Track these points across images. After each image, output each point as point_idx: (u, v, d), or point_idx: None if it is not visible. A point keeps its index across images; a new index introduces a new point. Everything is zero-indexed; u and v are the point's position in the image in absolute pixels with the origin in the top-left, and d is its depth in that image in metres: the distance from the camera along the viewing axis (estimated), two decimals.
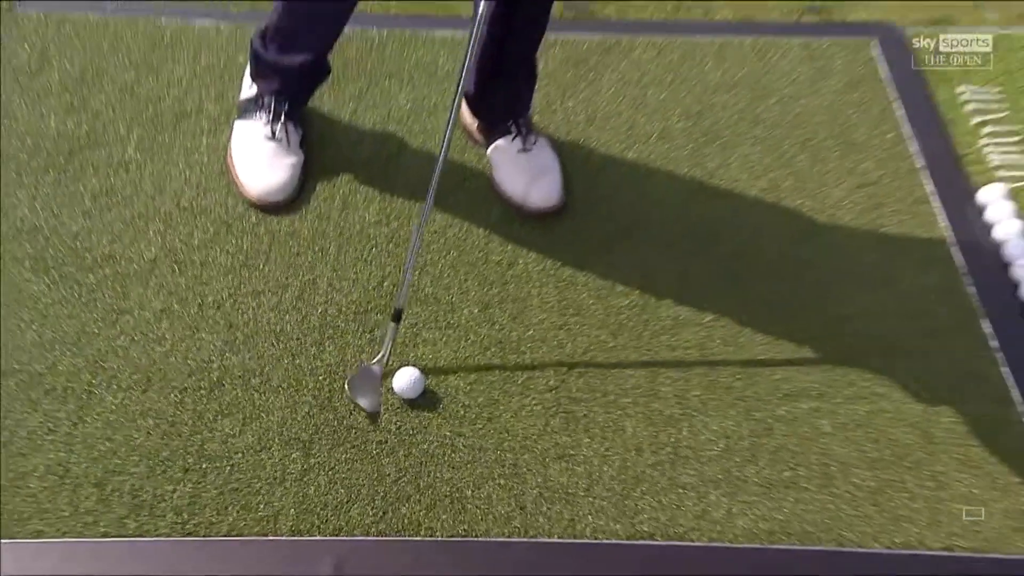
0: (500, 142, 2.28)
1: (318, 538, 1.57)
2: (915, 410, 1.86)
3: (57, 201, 2.08)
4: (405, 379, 1.75)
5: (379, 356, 1.78)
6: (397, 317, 1.76)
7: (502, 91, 2.26)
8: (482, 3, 1.80)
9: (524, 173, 2.24)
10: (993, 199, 2.24)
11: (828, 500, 1.68)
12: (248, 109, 2.23)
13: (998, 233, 2.18)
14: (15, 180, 2.13)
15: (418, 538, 1.57)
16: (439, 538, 1.58)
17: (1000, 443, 1.83)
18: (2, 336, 1.86)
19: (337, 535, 1.56)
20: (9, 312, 1.88)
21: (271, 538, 1.56)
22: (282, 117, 2.21)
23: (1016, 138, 2.44)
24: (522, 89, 2.32)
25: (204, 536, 1.56)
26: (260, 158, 2.19)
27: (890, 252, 2.20)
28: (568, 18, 2.75)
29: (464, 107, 2.26)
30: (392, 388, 1.77)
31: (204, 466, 1.63)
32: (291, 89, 2.24)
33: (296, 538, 1.56)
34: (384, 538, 1.57)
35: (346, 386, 1.77)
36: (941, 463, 1.75)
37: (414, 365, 1.79)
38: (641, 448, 1.71)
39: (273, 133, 2.18)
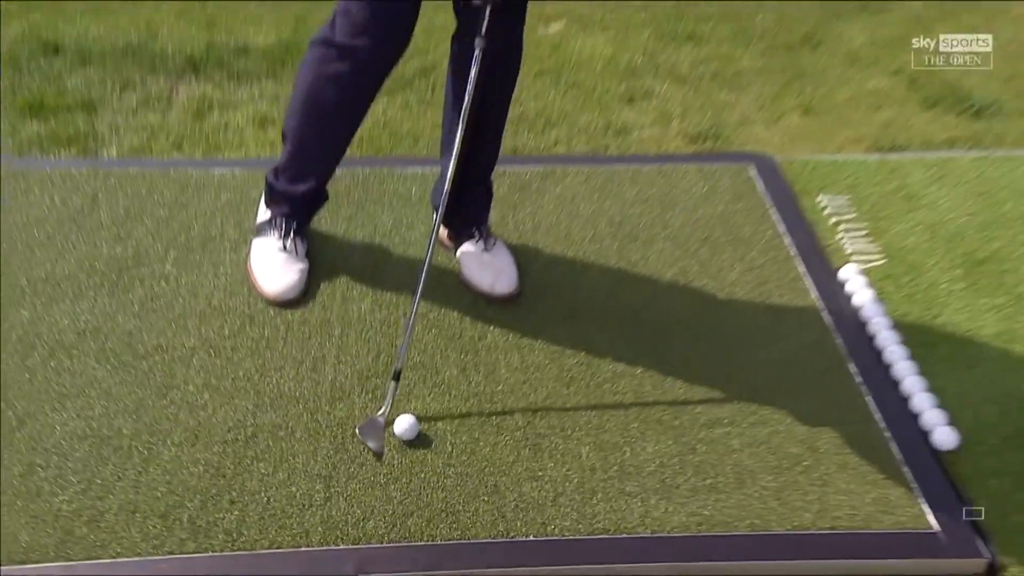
0: (466, 246, 2.49)
1: (341, 547, 1.72)
2: (803, 430, 2.05)
3: (112, 308, 2.25)
4: (404, 424, 1.94)
5: (382, 409, 1.96)
6: (397, 377, 1.97)
7: (466, 207, 2.46)
8: (457, 139, 2.09)
9: (488, 268, 2.44)
10: (850, 276, 2.49)
11: (742, 499, 1.87)
12: (263, 229, 2.43)
13: (855, 300, 2.42)
14: (78, 294, 2.29)
15: (422, 543, 1.73)
16: (439, 542, 1.74)
17: (867, 451, 2.05)
18: (76, 410, 1.99)
19: (356, 544, 1.72)
20: (80, 392, 2.02)
21: (304, 549, 1.72)
22: (291, 234, 2.40)
23: (863, 232, 2.70)
24: (482, 205, 2.53)
25: (250, 551, 1.71)
26: (274, 266, 2.38)
27: (776, 318, 2.42)
28: (514, 153, 2.98)
29: (438, 223, 2.46)
30: (394, 432, 1.94)
31: (246, 499, 1.78)
32: (298, 212, 2.44)
33: (324, 548, 1.71)
34: (395, 544, 1.74)
35: (357, 432, 1.94)
36: (824, 468, 1.96)
37: (410, 414, 1.96)
38: (594, 468, 1.90)
39: (284, 246, 2.38)
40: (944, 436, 2.05)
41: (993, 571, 1.84)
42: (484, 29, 2.10)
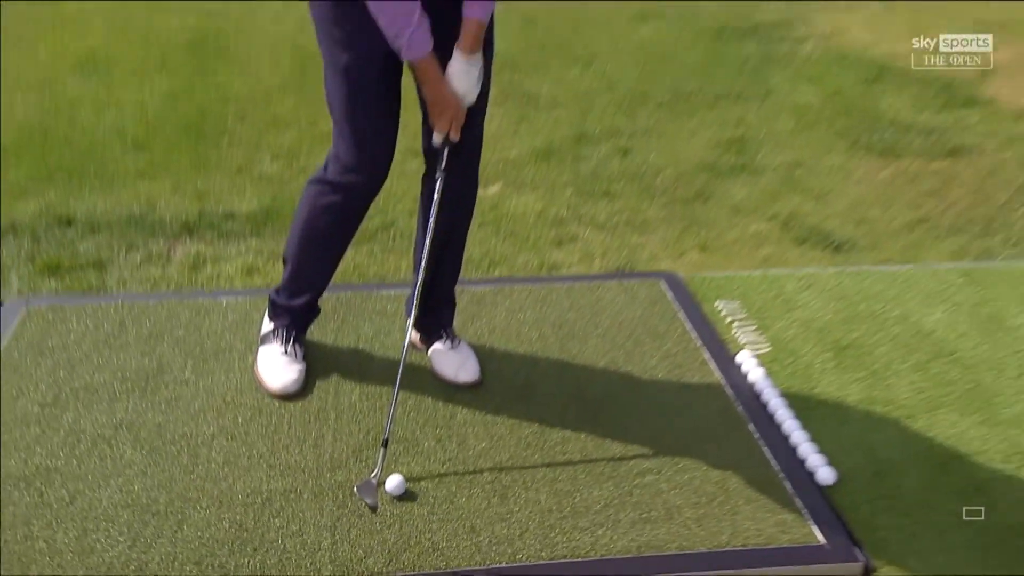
0: (436, 345, 2.63)
1: None
2: (716, 474, 2.21)
3: (142, 406, 2.39)
4: (394, 482, 2.09)
5: (375, 472, 2.11)
6: (385, 444, 2.14)
7: (435, 314, 2.63)
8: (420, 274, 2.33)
9: (454, 361, 2.58)
10: (744, 360, 2.70)
11: (671, 527, 2.03)
12: (267, 338, 2.56)
13: (750, 378, 2.63)
14: (114, 397, 2.41)
15: (413, 574, 1.87)
16: (427, 571, 1.88)
17: (767, 488, 2.21)
18: (118, 486, 2.09)
19: None
20: (120, 472, 2.14)
21: None
22: (291, 341, 2.54)
23: (752, 327, 2.92)
24: (447, 312, 2.69)
25: None
26: (277, 367, 2.50)
27: (689, 393, 2.61)
28: (470, 277, 3.06)
29: (410, 328, 2.55)
30: (386, 489, 2.07)
31: (266, 547, 1.92)
32: (296, 323, 2.57)
33: None
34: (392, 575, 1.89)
35: (355, 491, 2.09)
36: (734, 502, 2.13)
37: (398, 474, 2.11)
38: (552, 510, 2.06)
39: (285, 351, 2.51)
40: (825, 474, 2.26)
41: (868, 572, 2.03)
42: (444, 164, 2.30)
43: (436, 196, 2.33)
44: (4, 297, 3.00)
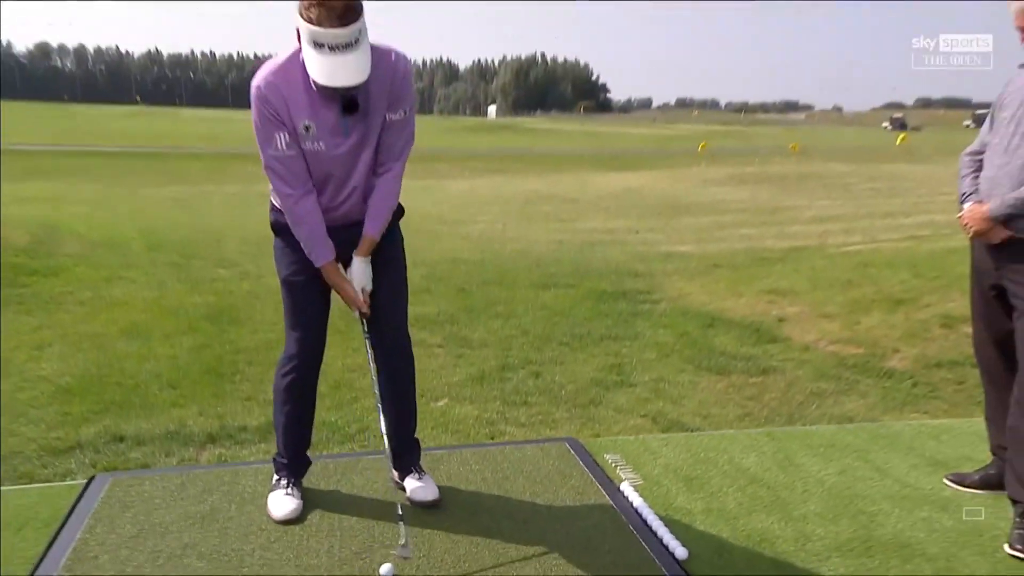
0: (408, 479, 2.77)
1: None
2: (610, 556, 2.44)
3: (202, 535, 2.49)
4: (385, 569, 2.23)
5: (403, 539, 2.28)
6: (402, 518, 2.32)
7: (403, 460, 2.76)
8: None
9: (423, 488, 2.73)
10: (626, 488, 2.88)
11: None
12: (275, 486, 2.71)
13: (630, 499, 2.81)
14: (180, 531, 2.51)
15: None
16: None
17: (643, 564, 2.42)
18: None
19: None
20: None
21: None
22: (290, 485, 2.69)
23: (629, 469, 3.11)
24: (413, 455, 2.80)
25: None
26: (281, 503, 2.64)
27: (588, 510, 2.76)
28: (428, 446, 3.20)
29: (392, 472, 2.77)
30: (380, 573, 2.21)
31: None
32: (291, 472, 2.72)
33: None
34: None
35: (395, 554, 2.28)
36: (622, 572, 2.35)
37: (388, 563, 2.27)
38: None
39: (287, 492, 2.66)
40: (680, 553, 2.48)
41: None
42: (365, 328, 2.53)
43: (371, 352, 2.55)
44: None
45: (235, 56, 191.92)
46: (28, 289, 6.63)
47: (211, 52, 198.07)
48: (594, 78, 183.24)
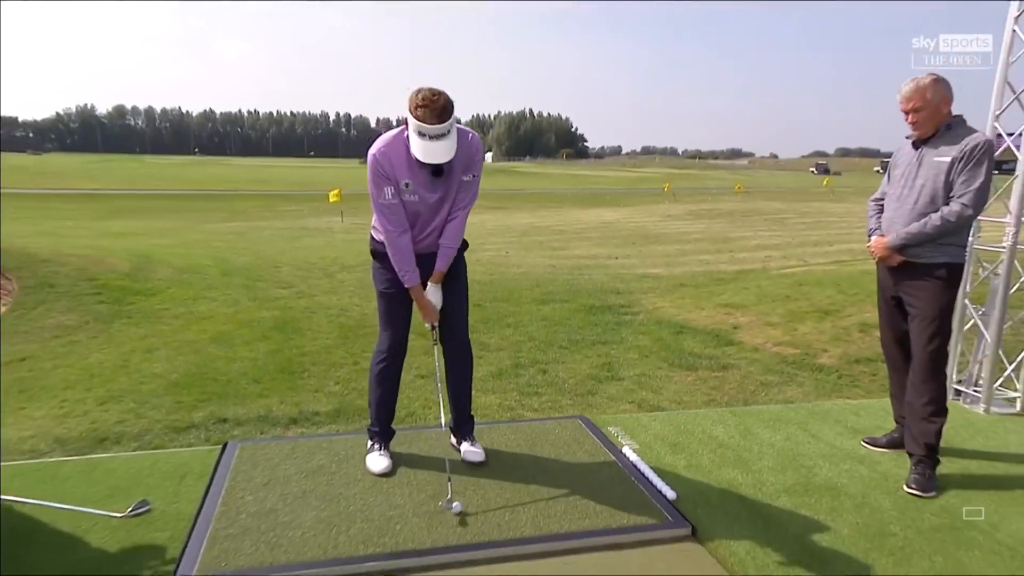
0: (463, 444, 2.91)
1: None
2: (616, 499, 2.51)
3: (315, 483, 2.65)
4: (455, 504, 2.41)
5: (449, 496, 2.44)
6: (449, 479, 2.47)
7: (461, 429, 2.91)
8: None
9: (474, 452, 2.87)
10: (627, 450, 2.99)
11: (596, 520, 2.38)
12: (370, 449, 2.85)
13: (630, 457, 2.92)
14: (299, 480, 2.68)
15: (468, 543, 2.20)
16: (462, 543, 2.21)
17: (641, 505, 2.52)
18: (310, 516, 2.35)
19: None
20: (310, 510, 2.41)
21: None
22: (381, 448, 2.84)
23: (629, 437, 3.20)
24: (468, 426, 2.92)
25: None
26: (378, 461, 2.79)
27: (598, 466, 2.86)
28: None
29: (452, 437, 2.95)
30: (452, 508, 2.39)
31: (391, 533, 2.28)
32: (381, 439, 2.86)
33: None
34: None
35: (445, 506, 2.42)
36: (626, 510, 2.44)
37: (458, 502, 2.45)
38: (526, 526, 2.37)
39: (380, 453, 2.82)
40: (670, 494, 2.63)
41: (694, 532, 2.40)
42: (435, 337, 2.66)
43: (442, 358, 2.72)
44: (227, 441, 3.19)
45: (274, 114, 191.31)
46: (134, 306, 6.71)
47: (255, 110, 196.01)
48: (573, 129, 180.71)
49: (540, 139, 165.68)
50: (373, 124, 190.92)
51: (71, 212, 18.61)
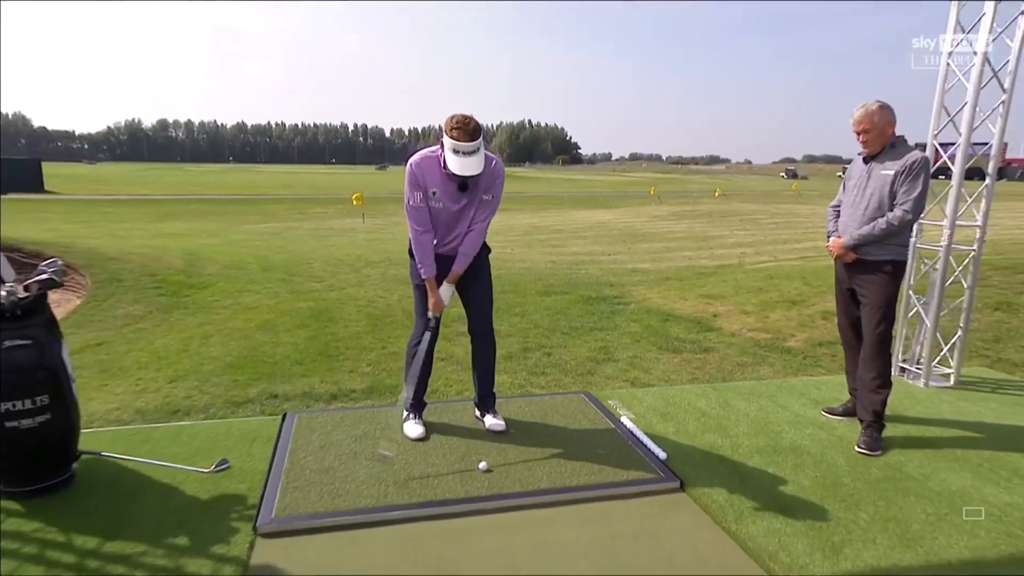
0: (487, 416, 2.97)
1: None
2: (615, 459, 2.60)
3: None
4: (483, 464, 2.51)
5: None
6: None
7: (485, 402, 2.97)
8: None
9: (497, 423, 2.93)
10: (625, 419, 3.03)
11: (599, 477, 2.44)
12: (407, 418, 2.91)
13: (628, 426, 2.98)
14: (349, 444, 2.73)
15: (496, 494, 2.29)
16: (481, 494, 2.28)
17: (636, 463, 2.61)
18: (363, 471, 2.44)
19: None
20: (360, 468, 2.50)
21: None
22: (416, 417, 2.92)
23: (626, 408, 3.23)
24: (491, 401, 2.97)
25: None
26: (415, 429, 2.86)
27: (600, 433, 2.93)
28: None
29: (476, 411, 3.02)
30: (479, 467, 2.50)
31: (430, 483, 2.36)
32: (415, 410, 2.92)
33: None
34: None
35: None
36: (623, 468, 2.52)
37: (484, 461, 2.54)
38: (540, 479, 2.47)
39: (415, 421, 2.89)
40: (661, 454, 2.71)
41: (682, 486, 2.49)
42: (434, 325, 2.65)
43: (429, 337, 2.71)
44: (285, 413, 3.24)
45: (299, 125, 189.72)
46: (189, 298, 6.79)
47: (282, 122, 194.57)
48: (568, 138, 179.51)
49: (538, 147, 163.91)
50: (388, 134, 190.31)
51: (125, 215, 18.55)
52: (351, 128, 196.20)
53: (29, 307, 2.17)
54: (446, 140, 2.48)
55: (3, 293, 2.05)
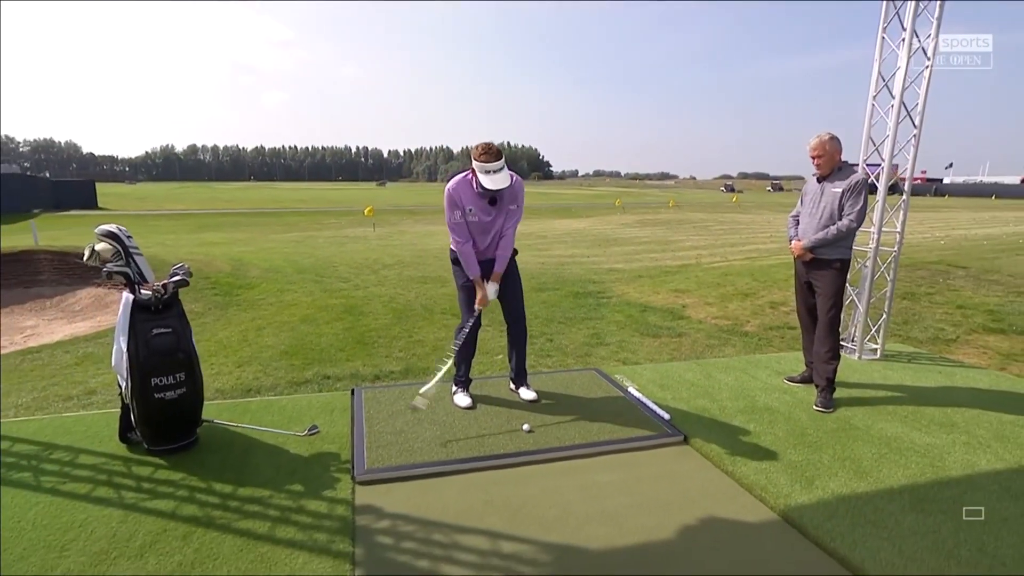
0: (521, 389, 3.01)
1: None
2: (625, 420, 2.69)
3: (423, 416, 2.73)
4: (526, 426, 2.58)
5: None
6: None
7: (519, 378, 2.99)
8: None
9: (529, 394, 2.98)
10: (631, 389, 3.08)
11: (613, 434, 2.52)
12: (456, 391, 2.93)
13: (634, 393, 3.05)
14: (414, 414, 2.73)
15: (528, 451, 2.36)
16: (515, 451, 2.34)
17: (644, 422, 2.70)
18: (428, 434, 2.48)
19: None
20: (426, 431, 2.55)
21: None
22: (465, 389, 2.95)
23: (626, 380, 3.28)
24: (523, 377, 3.00)
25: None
26: (464, 400, 2.89)
27: (610, 400, 2.93)
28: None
29: (511, 384, 3.07)
30: (523, 429, 2.56)
31: (482, 443, 2.47)
32: (463, 384, 2.95)
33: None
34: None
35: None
36: (634, 426, 2.59)
37: (527, 423, 2.63)
38: (572, 438, 2.55)
39: (465, 394, 2.92)
40: (665, 416, 2.79)
41: (686, 440, 2.60)
42: (477, 315, 2.67)
43: (469, 324, 2.78)
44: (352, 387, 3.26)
45: (309, 148, 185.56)
46: (240, 296, 6.74)
47: (295, 145, 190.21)
48: (541, 156, 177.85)
49: (515, 165, 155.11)
50: (386, 155, 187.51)
51: (169, 228, 18.00)
52: (354, 150, 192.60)
53: (168, 302, 2.27)
54: (476, 164, 2.53)
55: (151, 292, 2.13)
